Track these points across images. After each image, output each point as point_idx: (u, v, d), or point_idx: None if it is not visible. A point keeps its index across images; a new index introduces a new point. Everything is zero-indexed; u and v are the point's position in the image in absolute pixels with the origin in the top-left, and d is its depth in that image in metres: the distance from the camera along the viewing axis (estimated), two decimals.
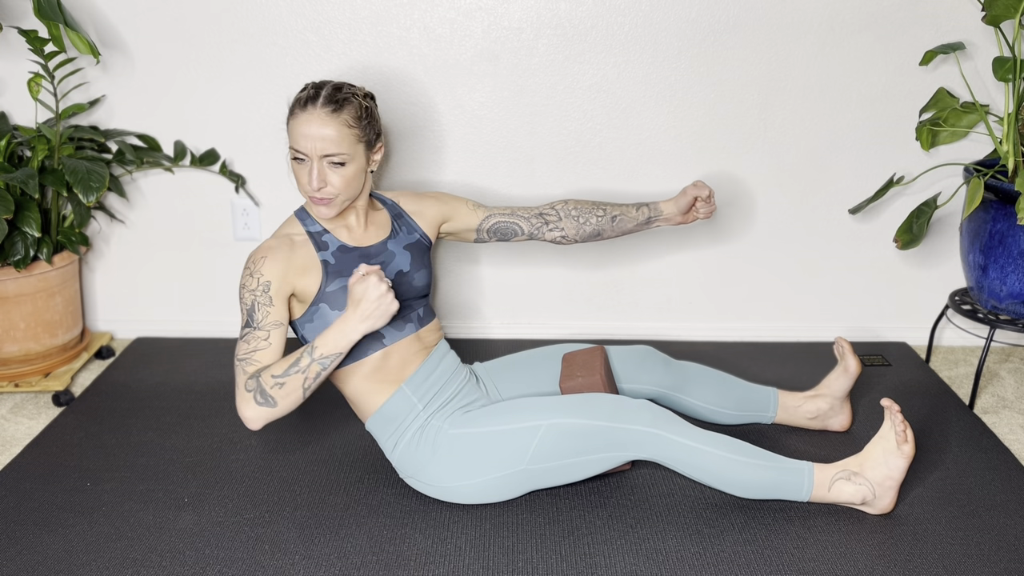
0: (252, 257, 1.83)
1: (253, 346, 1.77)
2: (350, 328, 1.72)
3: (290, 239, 1.88)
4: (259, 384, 1.73)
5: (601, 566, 1.75)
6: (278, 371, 1.73)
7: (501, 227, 2.11)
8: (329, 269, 1.86)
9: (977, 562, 1.77)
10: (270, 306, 1.79)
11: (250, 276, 1.81)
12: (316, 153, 1.80)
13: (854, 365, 2.15)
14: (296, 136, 1.80)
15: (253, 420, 1.74)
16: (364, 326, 1.72)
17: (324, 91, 1.82)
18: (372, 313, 1.71)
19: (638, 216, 2.16)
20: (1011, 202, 2.23)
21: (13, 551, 1.80)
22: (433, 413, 1.92)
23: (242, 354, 1.77)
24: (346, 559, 1.77)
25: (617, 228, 2.15)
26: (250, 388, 1.73)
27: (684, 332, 2.77)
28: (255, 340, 1.77)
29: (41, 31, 2.45)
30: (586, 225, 2.13)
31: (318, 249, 1.87)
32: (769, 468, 1.85)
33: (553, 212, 2.13)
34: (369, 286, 1.70)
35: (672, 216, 2.16)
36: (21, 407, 2.39)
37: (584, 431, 1.82)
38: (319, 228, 1.90)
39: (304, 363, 1.73)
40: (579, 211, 2.13)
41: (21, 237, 2.34)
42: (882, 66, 2.51)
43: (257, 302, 1.79)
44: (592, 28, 2.49)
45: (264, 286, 1.80)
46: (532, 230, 2.12)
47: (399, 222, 2.00)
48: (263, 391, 1.73)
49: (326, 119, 1.79)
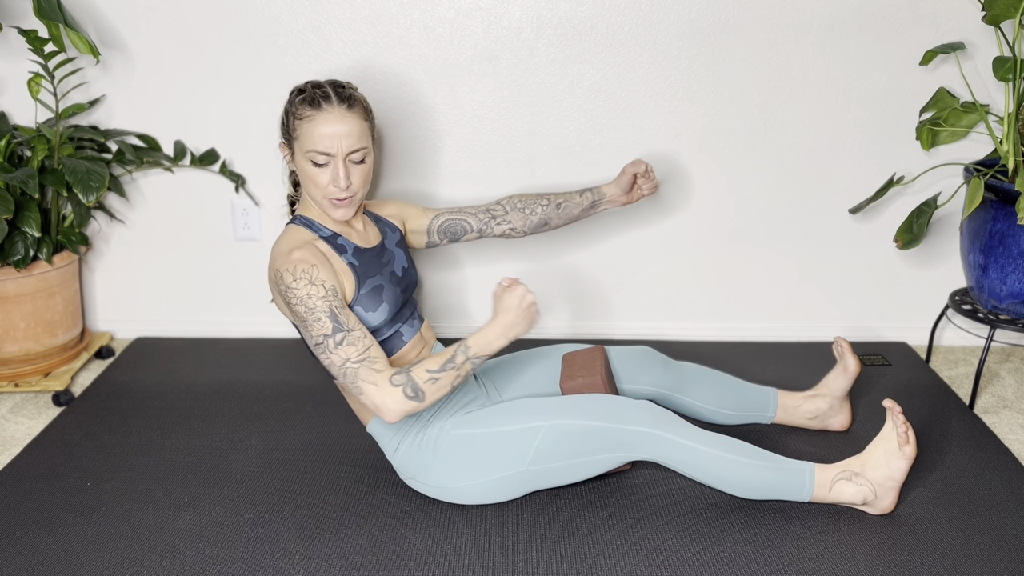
0: (296, 268, 1.76)
1: (362, 346, 1.74)
2: (500, 332, 1.75)
3: (314, 246, 1.83)
4: (410, 379, 1.72)
5: (601, 566, 1.75)
6: (433, 366, 1.73)
7: (450, 225, 2.13)
8: (358, 272, 1.86)
9: (977, 562, 1.77)
10: (345, 308, 1.77)
11: (311, 284, 1.75)
12: (342, 151, 1.79)
13: (853, 364, 2.15)
14: (317, 137, 1.78)
15: (397, 412, 1.72)
16: (512, 333, 1.76)
17: (332, 88, 1.81)
18: (519, 323, 1.76)
19: (582, 201, 2.18)
20: (1011, 202, 2.23)
21: (13, 551, 1.80)
22: (434, 414, 1.92)
23: (356, 357, 1.73)
24: (346, 559, 1.77)
25: (563, 215, 2.18)
26: (397, 383, 1.72)
27: (684, 332, 2.77)
28: (358, 341, 1.74)
29: (41, 31, 2.45)
30: (532, 216, 2.15)
31: (339, 253, 1.87)
32: (769, 468, 1.85)
33: (499, 207, 2.15)
34: (516, 296, 1.74)
35: (616, 197, 2.20)
36: (21, 407, 2.39)
37: (584, 432, 1.82)
38: (330, 232, 1.89)
39: (459, 360, 1.74)
40: (524, 203, 2.15)
41: (21, 237, 2.34)
42: (882, 66, 2.51)
43: (334, 307, 1.75)
44: (592, 28, 2.49)
45: (332, 291, 1.76)
46: (481, 226, 2.14)
47: (380, 224, 2.03)
48: (415, 386, 1.72)
49: (346, 115, 1.79)
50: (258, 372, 2.54)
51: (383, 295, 1.87)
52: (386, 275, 1.91)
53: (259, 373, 2.54)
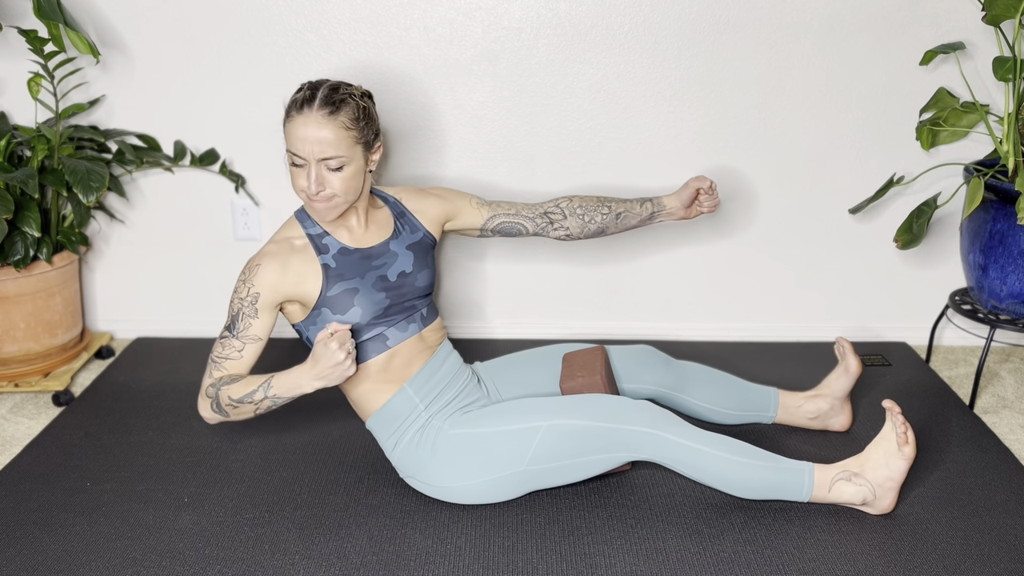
0: (249, 263, 1.85)
1: (226, 353, 1.83)
2: (304, 382, 1.75)
3: (290, 244, 1.87)
4: (217, 396, 1.80)
5: (601, 566, 1.75)
6: (235, 395, 1.78)
7: (505, 226, 2.11)
8: (330, 273, 1.85)
9: (977, 562, 1.77)
10: (254, 318, 1.82)
11: (242, 283, 1.83)
12: (313, 157, 1.77)
13: (855, 365, 2.15)
14: (292, 139, 1.78)
15: (207, 419, 1.86)
16: (318, 383, 1.75)
17: (320, 92, 1.78)
18: (327, 376, 1.74)
19: (642, 212, 2.15)
20: (1011, 202, 2.23)
21: (13, 551, 1.80)
22: (434, 414, 1.92)
23: (215, 355, 1.84)
24: (346, 559, 1.77)
25: (621, 224, 2.15)
26: (209, 395, 1.82)
27: (684, 332, 2.77)
28: (230, 348, 1.83)
29: (41, 31, 2.45)
30: (591, 223, 2.13)
31: (318, 252, 1.86)
32: (769, 468, 1.84)
33: (558, 211, 2.12)
34: (328, 352, 1.72)
35: (675, 210, 2.15)
36: (21, 407, 2.39)
37: (584, 432, 1.82)
38: (319, 230, 1.89)
39: (258, 397, 1.78)
40: (584, 209, 2.12)
41: (21, 237, 2.34)
42: (882, 66, 2.51)
43: (242, 311, 1.82)
44: (592, 28, 2.48)
45: (253, 297, 1.81)
46: (537, 229, 2.12)
47: (401, 221, 1.99)
48: (218, 403, 1.81)
49: (323, 121, 1.76)
50: (258, 372, 2.54)
51: (356, 299, 1.86)
52: (369, 278, 1.88)
53: (259, 373, 2.53)
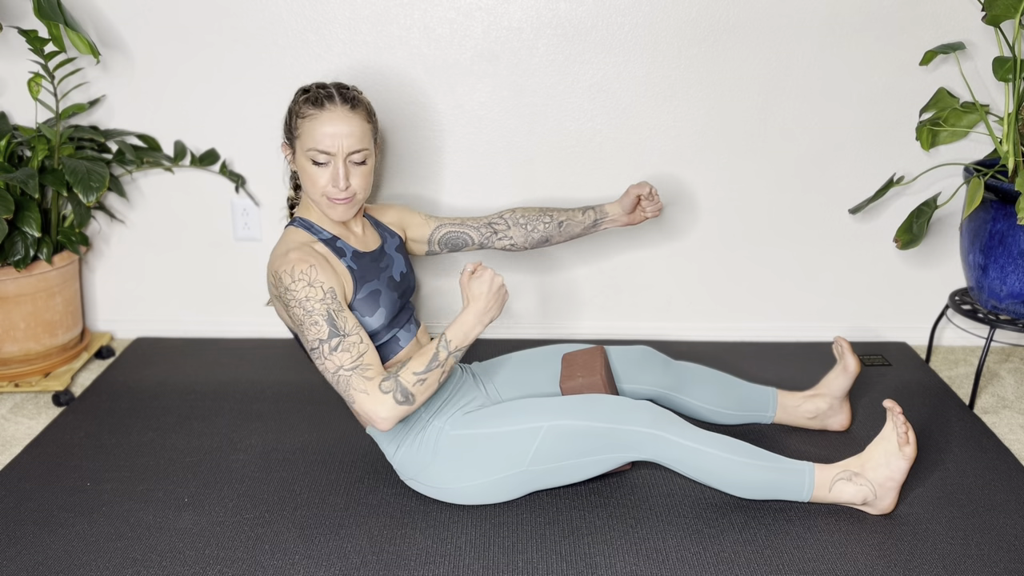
0: (294, 270, 1.75)
1: (356, 352, 1.73)
2: (475, 321, 1.76)
3: (312, 248, 1.82)
4: (398, 384, 1.71)
5: (601, 566, 1.75)
6: (418, 367, 1.72)
7: (451, 237, 2.13)
8: (356, 276, 1.86)
9: (977, 562, 1.77)
10: (343, 311, 1.76)
11: (309, 287, 1.74)
12: (343, 151, 1.79)
13: (853, 364, 2.15)
14: (318, 136, 1.78)
15: (389, 419, 1.72)
16: (487, 318, 1.77)
17: (335, 90, 1.82)
18: (492, 307, 1.77)
19: (584, 220, 2.18)
20: (1011, 202, 2.23)
21: (13, 551, 1.80)
22: (434, 414, 1.92)
23: (349, 364, 1.72)
24: (346, 559, 1.77)
25: (565, 233, 2.18)
26: (387, 389, 1.71)
27: (684, 332, 2.77)
28: (353, 347, 1.73)
29: (41, 31, 2.45)
30: (534, 232, 2.16)
31: (339, 256, 1.86)
32: (769, 468, 1.85)
33: (501, 221, 2.15)
34: (484, 281, 1.75)
35: (618, 217, 2.19)
36: (21, 407, 2.39)
37: (584, 432, 1.82)
38: (329, 235, 1.89)
39: (442, 356, 1.74)
40: (526, 219, 2.15)
41: (21, 237, 2.34)
42: (882, 66, 2.51)
43: (332, 310, 1.74)
44: (592, 28, 2.49)
45: (330, 293, 1.75)
46: (482, 239, 2.15)
47: (380, 228, 2.03)
48: (404, 390, 1.72)
49: (349, 115, 1.79)
50: (258, 372, 2.54)
51: (380, 300, 1.87)
52: (384, 280, 1.91)
53: (259, 373, 2.54)
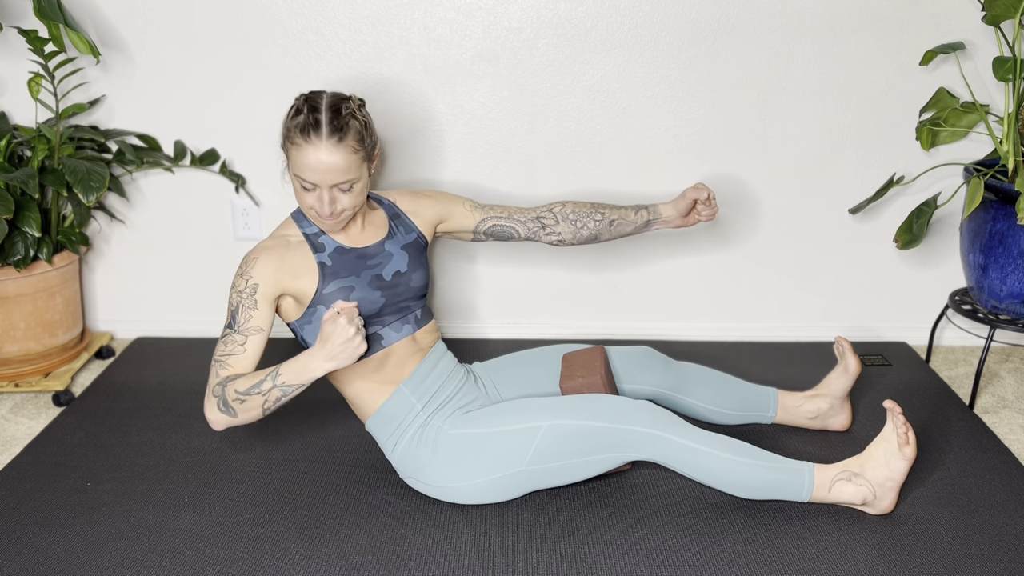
0: (245, 258, 1.84)
1: (229, 349, 1.79)
2: (315, 365, 1.70)
3: (286, 240, 1.87)
4: (223, 394, 1.75)
5: (601, 566, 1.75)
6: (242, 388, 1.73)
7: (497, 230, 2.11)
8: (326, 271, 1.86)
9: (977, 562, 1.77)
10: (254, 310, 1.80)
11: (240, 277, 1.82)
12: (326, 183, 1.77)
13: (854, 364, 2.15)
14: (302, 167, 1.77)
15: (215, 423, 1.78)
16: (329, 365, 1.70)
17: (324, 117, 1.75)
18: (338, 355, 1.69)
19: (636, 219, 2.14)
20: (1011, 202, 2.23)
21: (13, 551, 1.80)
22: (432, 413, 1.92)
23: (219, 355, 1.79)
24: (346, 559, 1.77)
25: (615, 231, 2.14)
26: (216, 394, 1.76)
27: (684, 332, 2.77)
28: (232, 344, 1.79)
29: (41, 31, 2.45)
30: (583, 229, 2.12)
31: (314, 251, 1.86)
32: (769, 468, 1.85)
33: (550, 215, 2.12)
34: (337, 328, 1.67)
35: (672, 219, 2.15)
36: (21, 407, 2.39)
37: (584, 432, 1.82)
38: (315, 230, 1.89)
39: (266, 387, 1.73)
40: (576, 215, 2.12)
41: (21, 237, 2.34)
42: (882, 66, 2.51)
43: (242, 304, 1.80)
44: (592, 28, 2.49)
45: (251, 288, 1.80)
46: (528, 234, 2.12)
47: (396, 222, 2.00)
48: (225, 401, 1.75)
49: (332, 149, 1.75)
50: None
51: (351, 296, 1.86)
52: (365, 278, 1.89)
53: None
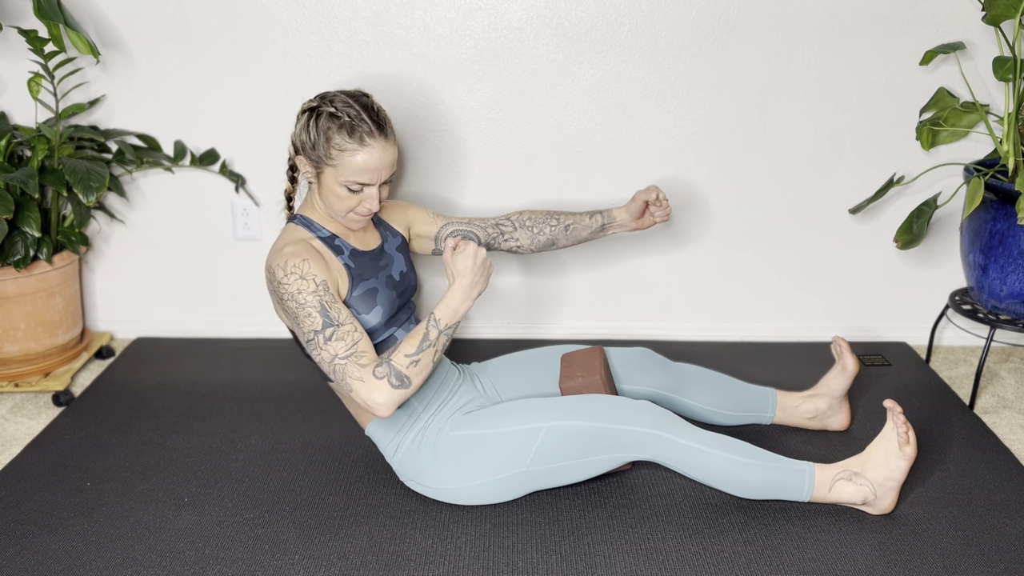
0: (287, 264, 1.77)
1: (350, 340, 1.73)
2: (462, 296, 1.77)
3: (309, 244, 1.83)
4: (391, 368, 1.71)
5: (601, 566, 1.75)
6: (410, 349, 1.72)
7: (458, 235, 2.13)
8: (352, 273, 1.87)
9: (977, 562, 1.77)
10: (336, 302, 1.77)
11: (301, 279, 1.75)
12: (379, 181, 1.81)
13: (852, 364, 2.15)
14: (359, 170, 1.77)
15: (387, 405, 1.71)
16: (475, 292, 1.78)
17: (368, 117, 1.78)
18: (479, 279, 1.78)
19: (592, 224, 2.18)
20: (1011, 202, 2.23)
21: (13, 551, 1.80)
22: (433, 415, 1.92)
23: (344, 352, 1.72)
24: (346, 559, 1.78)
25: (571, 237, 2.18)
26: (380, 375, 1.71)
27: (683, 333, 2.77)
28: (347, 335, 1.74)
29: (41, 31, 2.45)
30: (540, 235, 2.16)
31: (336, 254, 1.87)
32: (769, 468, 1.85)
33: (508, 223, 2.16)
34: (467, 255, 1.76)
35: (626, 222, 2.19)
36: (21, 407, 2.39)
37: (584, 432, 1.82)
38: (328, 233, 1.89)
39: (433, 336, 1.74)
40: (533, 221, 2.16)
41: (21, 237, 2.34)
42: (882, 66, 2.51)
43: (325, 301, 1.75)
44: (592, 28, 2.49)
45: (323, 285, 1.76)
46: (488, 239, 2.15)
47: (382, 227, 2.03)
48: (398, 373, 1.71)
49: (385, 145, 1.79)
50: (258, 372, 2.54)
51: (377, 298, 1.87)
52: (382, 279, 1.91)
53: (259, 373, 2.54)
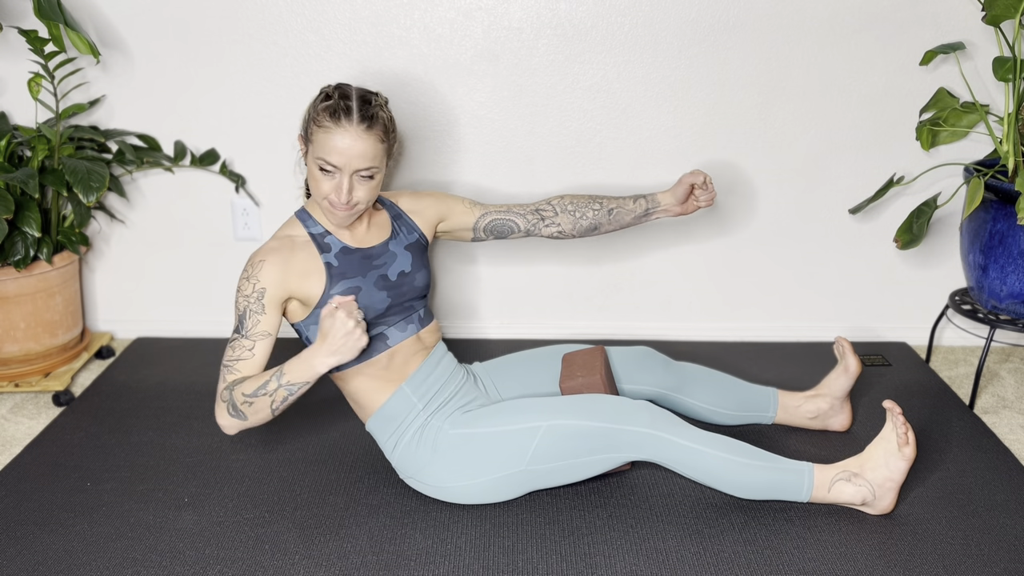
0: (251, 260, 1.83)
1: (237, 354, 1.79)
2: (317, 361, 1.70)
3: (291, 241, 1.86)
4: (231, 397, 1.76)
5: (601, 566, 1.75)
6: (248, 390, 1.74)
7: (497, 225, 2.11)
8: (332, 272, 1.86)
9: (977, 562, 1.77)
10: (261, 314, 1.80)
11: (246, 280, 1.81)
12: (350, 168, 1.78)
13: (854, 365, 2.15)
14: (328, 149, 1.77)
15: (227, 427, 1.79)
16: (332, 360, 1.69)
17: (355, 104, 1.78)
18: (339, 348, 1.68)
19: (635, 208, 2.13)
20: (1011, 202, 2.23)
21: (13, 551, 1.80)
22: (433, 413, 1.92)
23: (227, 360, 1.80)
24: (346, 559, 1.78)
25: (615, 221, 2.13)
26: (224, 399, 1.77)
27: (684, 332, 2.77)
28: (240, 348, 1.79)
29: (41, 31, 2.45)
30: (582, 220, 2.12)
31: (320, 251, 1.86)
32: (769, 469, 1.85)
33: (549, 208, 2.12)
34: (336, 322, 1.67)
35: (671, 207, 2.14)
36: (21, 407, 2.39)
37: (584, 432, 1.82)
38: (321, 229, 1.89)
39: (271, 387, 1.73)
40: (575, 206, 2.12)
41: (21, 237, 2.34)
42: (882, 66, 2.51)
43: (249, 309, 1.79)
44: (592, 28, 2.49)
45: (259, 293, 1.80)
46: (528, 227, 2.12)
47: (398, 222, 2.00)
48: (234, 405, 1.76)
49: (362, 135, 1.77)
50: None
51: (359, 298, 1.86)
52: (371, 278, 1.89)
53: None
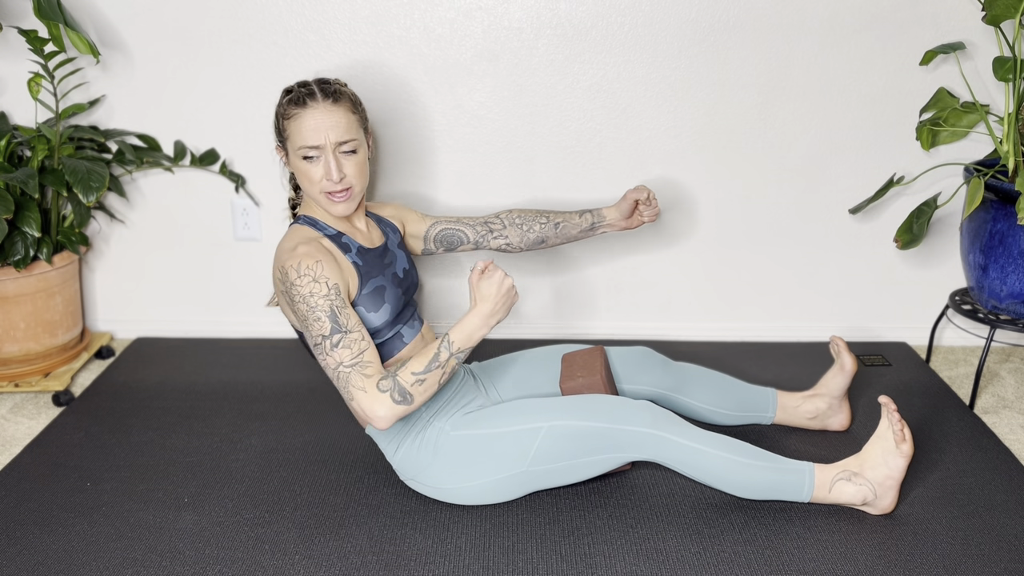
0: (301, 265, 1.75)
1: (357, 349, 1.72)
2: (480, 322, 1.74)
3: (319, 243, 1.83)
4: (396, 383, 1.70)
5: (601, 566, 1.75)
6: (417, 368, 1.71)
7: (447, 235, 2.14)
8: (361, 271, 1.87)
9: (977, 562, 1.77)
10: (346, 307, 1.75)
11: (314, 282, 1.74)
12: (331, 141, 1.80)
13: (850, 363, 2.15)
14: (305, 132, 1.79)
15: (386, 418, 1.70)
16: (493, 320, 1.75)
17: (315, 86, 1.83)
18: (501, 307, 1.75)
19: (582, 223, 2.18)
20: (1011, 202, 2.23)
21: (13, 551, 1.80)
22: (434, 414, 1.92)
23: (349, 360, 1.71)
24: (346, 559, 1.78)
25: (561, 235, 2.18)
26: (384, 388, 1.70)
27: (684, 332, 2.77)
28: (354, 343, 1.72)
29: (41, 31, 2.45)
30: (529, 233, 2.16)
31: (344, 252, 1.87)
32: (769, 469, 1.85)
33: (498, 221, 2.16)
34: (494, 282, 1.73)
35: (615, 221, 2.20)
36: (21, 407, 2.39)
37: (585, 432, 1.82)
38: (335, 231, 1.89)
39: (443, 357, 1.72)
40: (523, 219, 2.16)
41: (21, 237, 2.34)
42: (882, 66, 2.51)
43: (335, 306, 1.73)
44: (592, 28, 2.49)
45: (335, 289, 1.75)
46: (477, 238, 2.15)
47: (383, 225, 2.04)
48: (402, 390, 1.70)
49: (331, 108, 1.80)
50: (258, 372, 2.54)
51: (385, 296, 1.87)
52: (388, 276, 1.91)
53: (259, 373, 2.54)
